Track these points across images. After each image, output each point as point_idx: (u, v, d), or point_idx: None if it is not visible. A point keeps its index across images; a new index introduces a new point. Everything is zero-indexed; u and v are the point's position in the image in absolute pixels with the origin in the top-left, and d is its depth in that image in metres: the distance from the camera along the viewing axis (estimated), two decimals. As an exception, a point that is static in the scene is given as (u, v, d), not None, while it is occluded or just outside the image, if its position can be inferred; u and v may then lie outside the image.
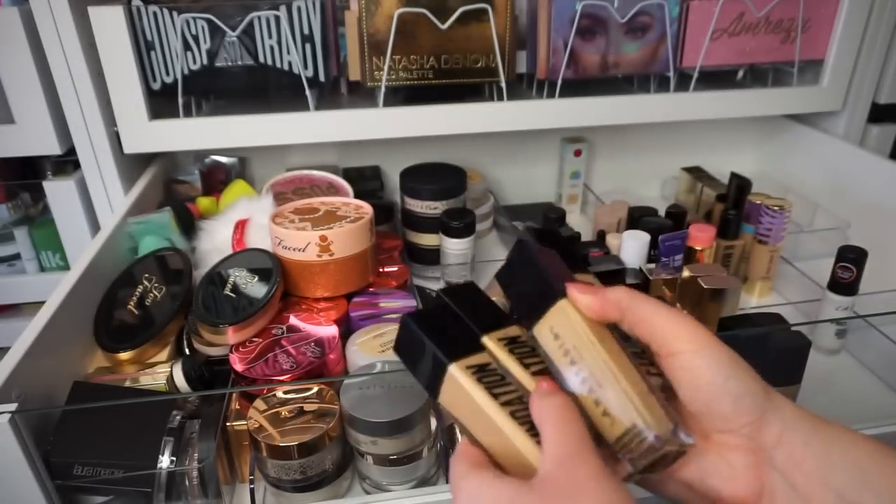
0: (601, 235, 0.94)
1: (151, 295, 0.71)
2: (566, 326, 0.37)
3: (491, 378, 0.38)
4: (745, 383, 0.34)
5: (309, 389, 0.59)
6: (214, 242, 0.80)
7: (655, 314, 0.36)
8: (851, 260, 0.75)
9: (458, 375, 0.37)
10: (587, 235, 0.98)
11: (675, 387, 0.36)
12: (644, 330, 0.36)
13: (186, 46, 0.84)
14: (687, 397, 0.35)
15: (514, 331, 0.41)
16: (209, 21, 0.82)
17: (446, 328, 0.40)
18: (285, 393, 0.59)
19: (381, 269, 0.81)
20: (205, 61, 0.85)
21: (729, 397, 0.34)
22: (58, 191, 0.90)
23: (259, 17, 0.83)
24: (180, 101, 0.86)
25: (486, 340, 0.40)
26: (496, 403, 0.36)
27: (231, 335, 0.64)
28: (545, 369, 0.39)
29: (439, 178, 0.93)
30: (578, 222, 1.14)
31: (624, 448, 0.34)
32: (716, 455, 0.35)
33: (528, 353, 0.40)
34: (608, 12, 0.90)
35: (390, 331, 0.68)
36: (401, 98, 0.93)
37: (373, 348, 0.66)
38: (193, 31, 0.83)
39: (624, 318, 0.37)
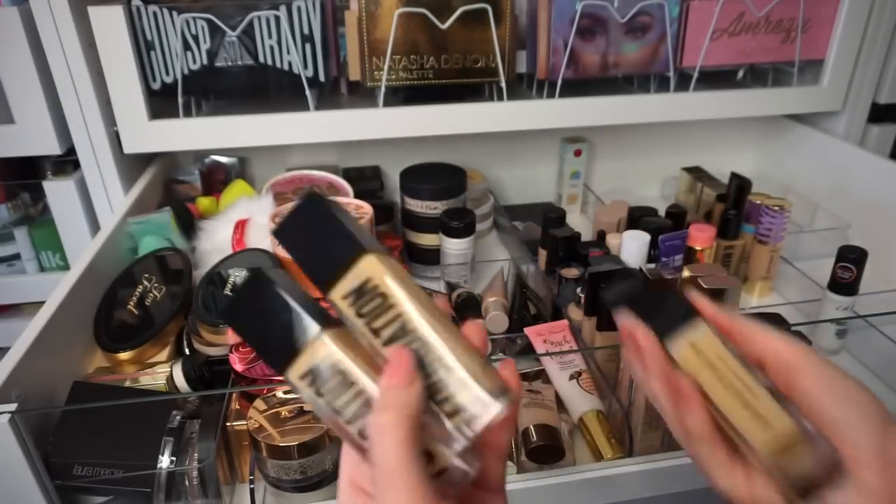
0: (601, 235, 0.94)
1: (151, 295, 0.71)
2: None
3: (328, 386, 0.31)
4: (871, 395, 0.34)
5: (309, 389, 0.59)
6: (214, 242, 0.80)
7: (764, 332, 0.36)
8: (851, 260, 0.75)
9: (294, 383, 0.31)
10: (587, 235, 0.98)
11: (802, 400, 0.34)
12: (756, 348, 0.36)
13: (186, 46, 0.84)
14: (824, 407, 0.34)
15: (366, 268, 0.31)
16: (209, 21, 0.82)
17: (266, 314, 0.31)
18: (285, 393, 0.59)
19: (381, 269, 0.81)
20: (205, 61, 0.85)
21: (857, 404, 0.34)
22: (58, 191, 0.90)
23: (259, 17, 0.83)
24: (180, 100, 0.85)
25: (332, 297, 0.31)
26: (342, 420, 0.31)
27: (231, 335, 0.64)
28: (399, 331, 0.31)
29: (439, 178, 0.93)
30: (578, 222, 1.14)
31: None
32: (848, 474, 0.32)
33: (379, 308, 0.31)
34: (608, 12, 0.90)
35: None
36: (401, 98, 0.93)
37: (373, 348, 0.66)
38: (193, 31, 0.83)
39: (740, 342, 0.36)
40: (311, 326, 0.31)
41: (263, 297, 0.31)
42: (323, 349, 0.30)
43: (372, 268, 0.31)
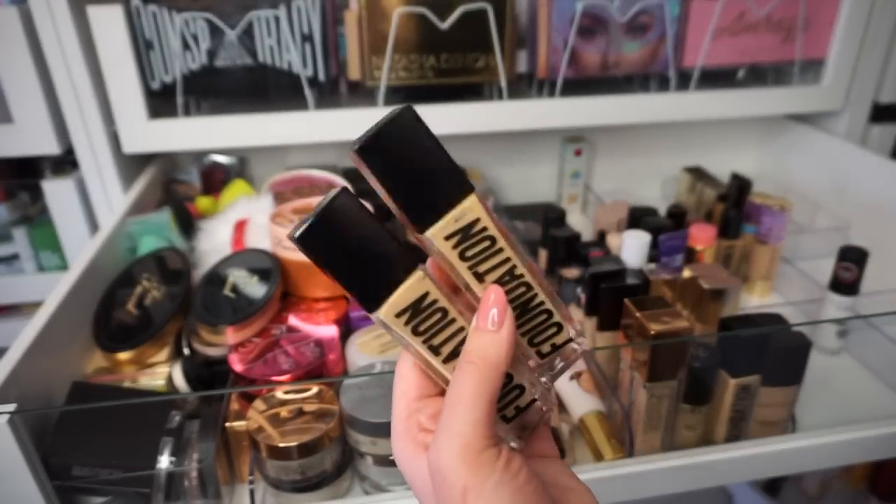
0: (601, 235, 0.93)
1: (150, 295, 0.71)
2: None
3: (428, 322, 0.29)
4: None
5: (308, 390, 0.59)
6: (214, 242, 0.80)
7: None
8: (852, 260, 0.75)
9: (389, 324, 0.29)
10: (587, 235, 0.98)
11: None
12: None
13: (185, 46, 0.83)
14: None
15: (471, 208, 0.29)
16: (208, 20, 0.82)
17: (359, 244, 0.27)
18: (285, 393, 0.59)
19: (380, 269, 0.81)
20: (204, 61, 0.85)
21: None
22: (56, 190, 0.90)
23: (258, 17, 0.83)
24: (179, 100, 0.85)
25: (431, 235, 0.29)
26: (438, 360, 0.30)
27: (230, 335, 0.64)
28: (506, 276, 0.30)
29: (439, 177, 0.93)
30: (578, 222, 1.14)
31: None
32: None
33: (487, 250, 0.30)
34: (608, 12, 0.90)
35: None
36: (401, 98, 0.93)
37: (373, 348, 0.66)
38: (193, 31, 0.83)
39: None
40: (410, 262, 0.29)
41: (352, 225, 0.27)
42: (424, 286, 0.29)
43: (477, 209, 0.29)
